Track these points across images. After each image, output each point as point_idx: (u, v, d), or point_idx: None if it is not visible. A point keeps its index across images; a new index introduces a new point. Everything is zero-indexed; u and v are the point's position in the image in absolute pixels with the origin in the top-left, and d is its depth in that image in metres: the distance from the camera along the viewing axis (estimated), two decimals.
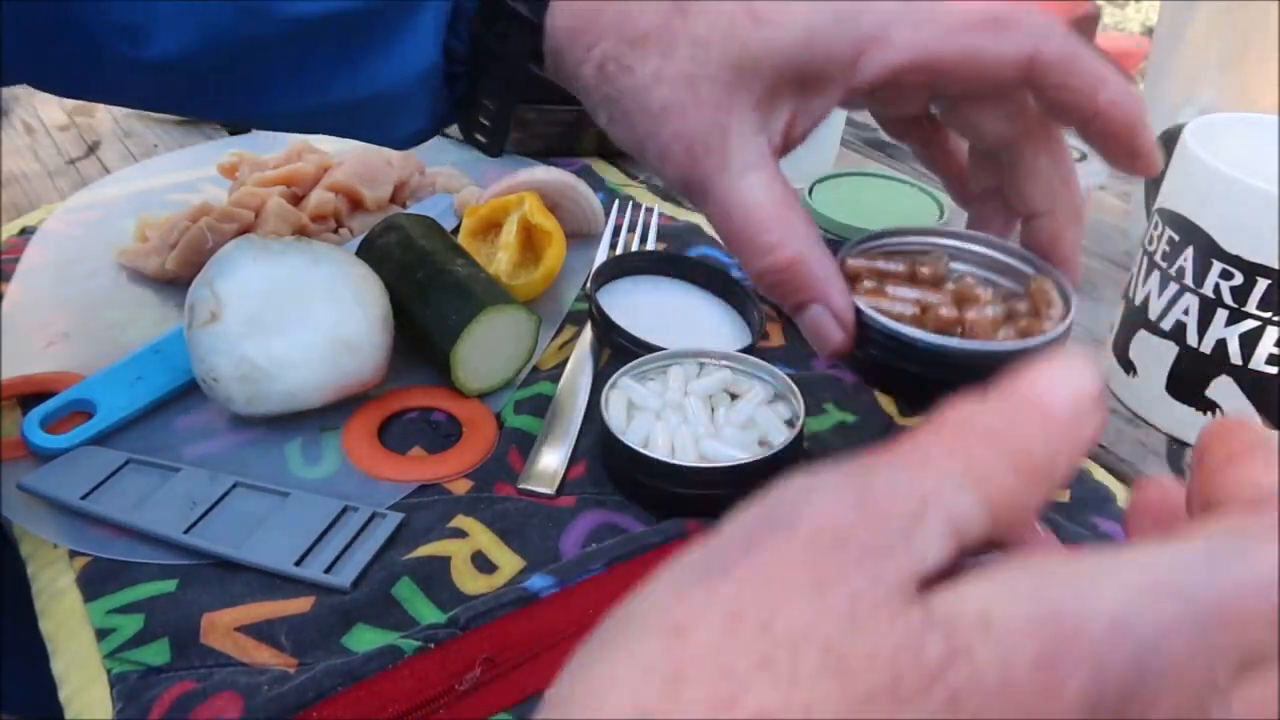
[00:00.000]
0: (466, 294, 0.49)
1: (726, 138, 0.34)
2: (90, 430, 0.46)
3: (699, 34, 0.35)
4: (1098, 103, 0.33)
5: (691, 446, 0.43)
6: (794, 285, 0.35)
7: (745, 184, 0.34)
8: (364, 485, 0.45)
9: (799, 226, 0.35)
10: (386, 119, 0.41)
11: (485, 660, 0.35)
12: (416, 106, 0.41)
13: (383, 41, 0.39)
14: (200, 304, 0.45)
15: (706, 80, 0.34)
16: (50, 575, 0.41)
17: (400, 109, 0.41)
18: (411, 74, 0.39)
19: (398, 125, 0.41)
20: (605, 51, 0.36)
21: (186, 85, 0.41)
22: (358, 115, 0.41)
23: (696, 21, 0.35)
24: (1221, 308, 0.49)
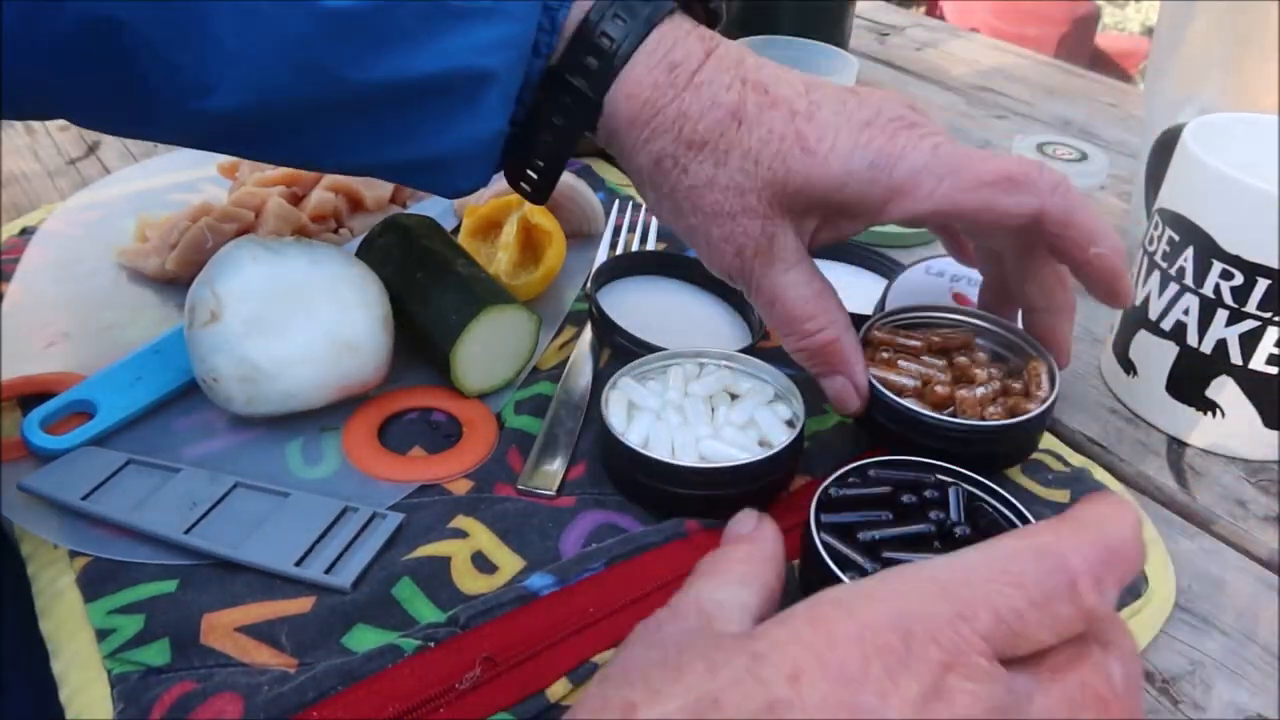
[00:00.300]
0: (466, 294, 0.49)
1: (773, 243, 0.39)
2: (90, 431, 0.46)
3: (751, 149, 0.38)
4: (1088, 254, 0.40)
5: (692, 447, 0.43)
6: (827, 361, 0.42)
7: (789, 280, 0.40)
8: (364, 485, 0.45)
9: (835, 313, 0.41)
10: (444, 176, 0.42)
11: (485, 659, 0.35)
12: (475, 168, 0.42)
13: (448, 112, 0.39)
14: (200, 304, 0.45)
15: (755, 192, 0.38)
16: (50, 575, 0.41)
17: (459, 169, 0.41)
18: (474, 141, 0.40)
19: (455, 182, 0.42)
20: (663, 149, 0.39)
21: (248, 135, 0.41)
22: (417, 172, 0.42)
23: (750, 135, 0.38)
24: (1221, 308, 0.49)
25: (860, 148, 0.38)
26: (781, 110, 0.38)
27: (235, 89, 0.37)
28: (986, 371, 0.46)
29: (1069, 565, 0.23)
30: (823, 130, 0.38)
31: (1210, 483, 0.51)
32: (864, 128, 0.38)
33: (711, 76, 0.39)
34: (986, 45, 1.19)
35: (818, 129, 0.38)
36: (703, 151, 0.39)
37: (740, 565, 0.28)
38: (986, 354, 0.48)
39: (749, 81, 0.39)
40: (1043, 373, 0.46)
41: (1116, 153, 0.88)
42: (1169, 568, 0.44)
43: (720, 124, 0.38)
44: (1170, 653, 0.41)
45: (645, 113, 0.39)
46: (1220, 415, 0.51)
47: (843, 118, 0.38)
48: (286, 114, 0.39)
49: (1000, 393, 0.45)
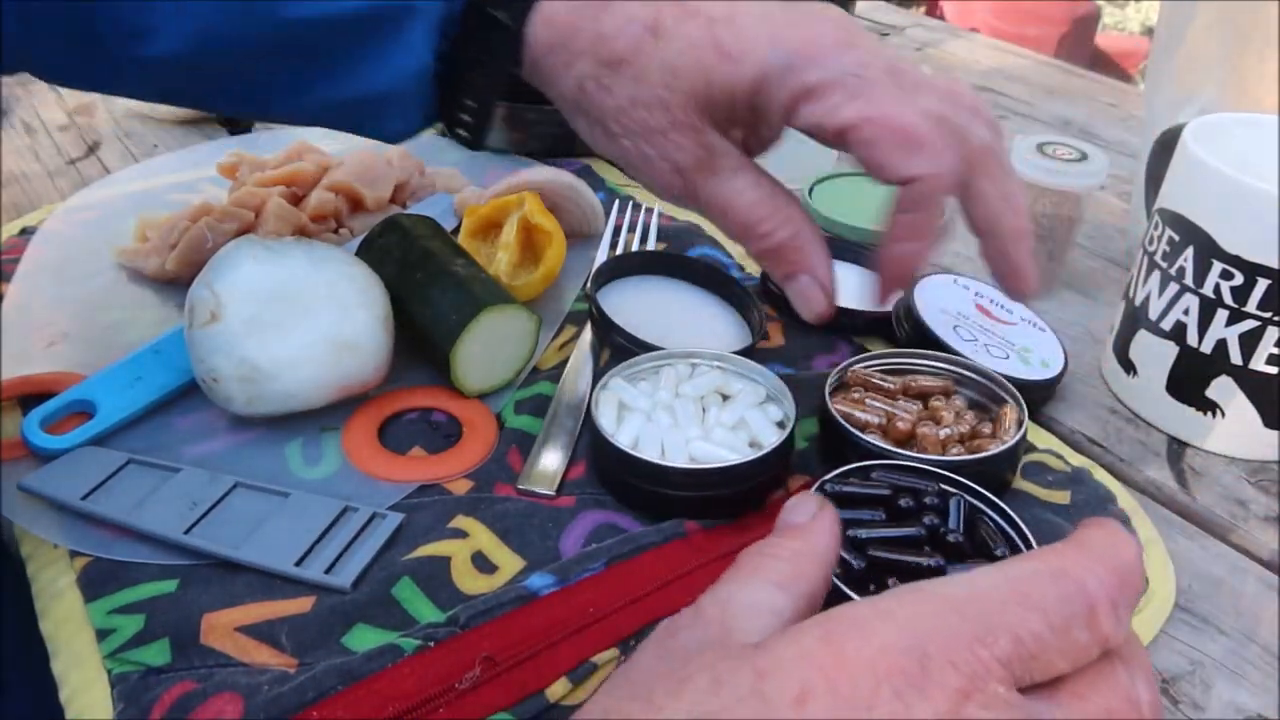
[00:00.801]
0: (466, 294, 0.49)
1: (710, 152, 0.38)
2: (90, 430, 0.46)
3: (669, 60, 0.37)
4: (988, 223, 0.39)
5: (682, 448, 0.43)
6: (788, 259, 0.39)
7: (735, 187, 0.38)
8: (364, 485, 0.45)
9: (789, 209, 0.39)
10: (379, 116, 0.43)
11: (485, 659, 0.35)
12: (408, 106, 0.42)
13: (378, 45, 0.40)
14: (200, 304, 0.45)
15: (679, 105, 0.37)
16: (50, 575, 0.41)
17: (393, 108, 0.42)
18: (404, 76, 0.40)
19: (390, 122, 0.43)
20: (583, 71, 0.39)
21: (188, 81, 0.42)
22: (353, 113, 0.43)
23: (667, 48, 0.37)
24: (1221, 308, 0.49)
25: (776, 44, 0.36)
26: (699, 19, 0.37)
27: (174, 32, 0.39)
28: (955, 414, 0.48)
29: (1088, 590, 0.23)
30: (740, 33, 0.37)
31: (1210, 483, 0.51)
32: (787, 27, 0.37)
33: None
34: (986, 45, 1.19)
35: (735, 33, 0.37)
36: (621, 70, 0.38)
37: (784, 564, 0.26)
38: (964, 401, 0.50)
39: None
40: (1011, 418, 0.47)
41: (1116, 153, 0.88)
42: (1169, 568, 0.44)
43: (637, 40, 0.37)
44: (1170, 653, 0.41)
45: (563, 36, 0.39)
46: (1220, 415, 0.51)
47: (765, 18, 0.37)
48: (224, 58, 0.40)
49: (969, 435, 0.47)
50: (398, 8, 0.39)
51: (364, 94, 0.41)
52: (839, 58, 0.36)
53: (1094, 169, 0.61)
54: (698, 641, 0.24)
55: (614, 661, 0.37)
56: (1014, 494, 0.47)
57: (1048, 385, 0.53)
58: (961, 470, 0.43)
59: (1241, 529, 0.48)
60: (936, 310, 0.55)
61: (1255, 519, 0.49)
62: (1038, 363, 0.54)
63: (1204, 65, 0.60)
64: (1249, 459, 0.52)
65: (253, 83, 0.42)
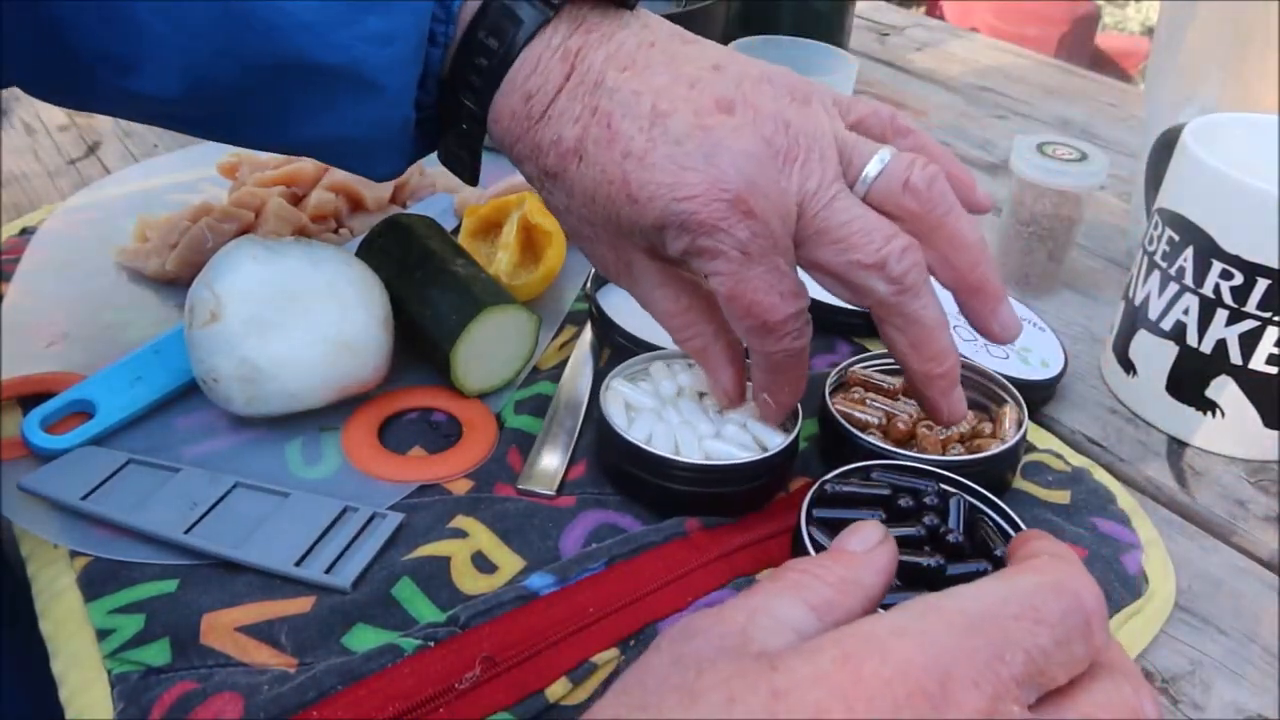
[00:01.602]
0: (466, 294, 0.49)
1: (630, 268, 0.41)
2: (90, 430, 0.46)
3: (587, 187, 0.38)
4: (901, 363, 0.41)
5: (695, 445, 0.43)
6: (702, 365, 0.43)
7: (656, 298, 0.42)
8: (364, 485, 0.45)
9: (702, 325, 0.42)
10: (363, 158, 0.44)
11: (485, 659, 0.35)
12: (391, 151, 0.43)
13: (359, 94, 0.40)
14: (200, 304, 0.45)
15: (600, 226, 0.40)
16: (50, 575, 0.41)
17: (376, 151, 0.43)
18: (385, 125, 0.41)
19: (374, 164, 0.44)
20: (530, 173, 0.41)
21: (176, 114, 0.43)
22: (337, 152, 0.44)
23: (586, 174, 0.38)
24: (1221, 308, 0.49)
25: (676, 200, 0.36)
26: (617, 149, 0.37)
27: (158, 69, 0.39)
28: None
29: (1084, 603, 0.23)
30: (647, 176, 0.36)
31: (1210, 483, 0.51)
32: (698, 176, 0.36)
33: (563, 107, 0.38)
34: (986, 45, 1.19)
35: (643, 175, 0.37)
36: (557, 181, 0.39)
37: (826, 589, 0.25)
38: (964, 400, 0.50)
39: (599, 110, 0.37)
40: (1010, 419, 0.48)
41: (1116, 153, 0.88)
42: (1169, 568, 0.44)
43: (564, 159, 0.38)
44: (1170, 653, 0.41)
45: (510, 139, 0.40)
46: (1220, 415, 0.51)
47: (678, 161, 0.36)
48: (210, 94, 0.40)
49: (969, 435, 0.47)
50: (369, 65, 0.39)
51: (347, 136, 0.42)
52: (733, 230, 0.36)
53: (1094, 169, 0.61)
54: (714, 649, 0.23)
55: (614, 661, 0.37)
56: (1014, 494, 0.47)
57: (1048, 385, 0.53)
58: (961, 470, 0.43)
59: (1241, 529, 0.48)
60: None
61: (1255, 519, 0.49)
62: (1038, 363, 0.54)
63: (1204, 65, 0.60)
64: (1249, 459, 0.52)
65: (238, 119, 0.42)
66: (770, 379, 0.41)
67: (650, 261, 0.41)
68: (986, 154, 0.88)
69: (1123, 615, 0.41)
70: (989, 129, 0.93)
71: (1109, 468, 0.51)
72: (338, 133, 0.41)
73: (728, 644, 0.23)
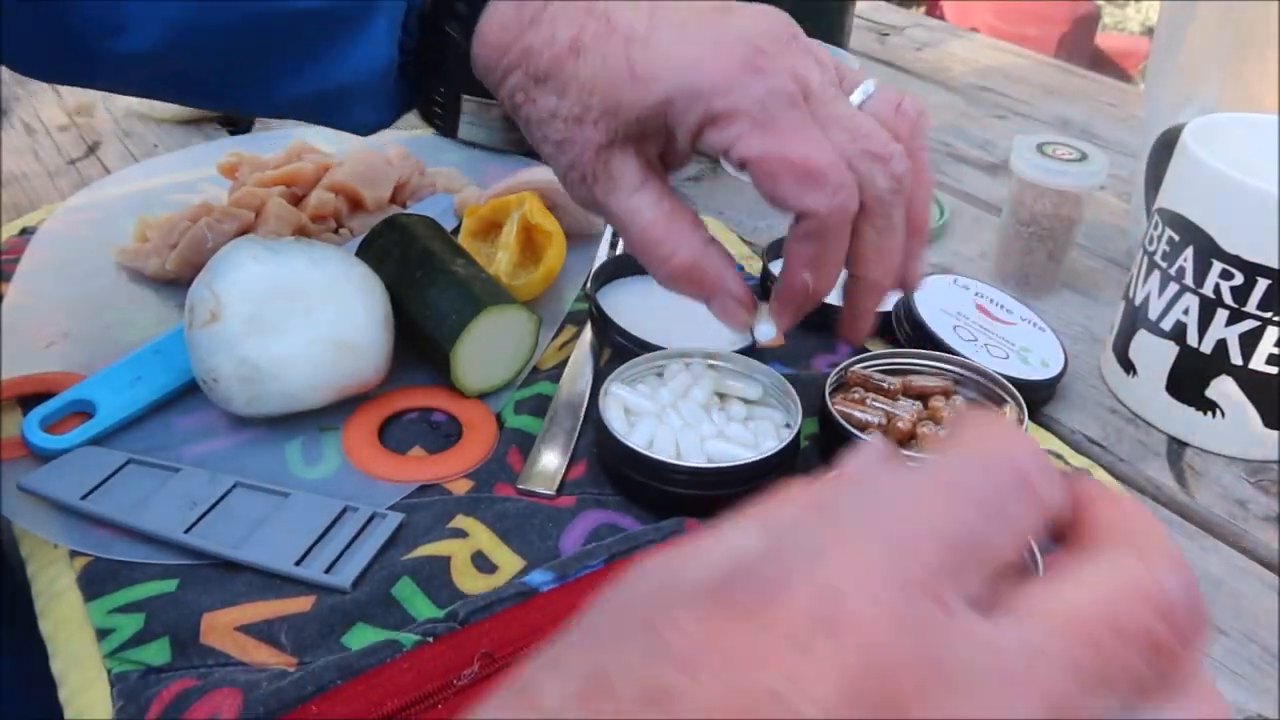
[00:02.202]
0: (466, 294, 0.49)
1: (609, 169, 0.39)
2: (90, 430, 0.46)
3: (585, 80, 0.38)
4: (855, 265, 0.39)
5: (697, 447, 0.43)
6: (696, 284, 0.39)
7: (634, 205, 0.39)
8: (364, 485, 0.45)
9: (688, 234, 0.39)
10: (349, 109, 0.44)
11: (484, 655, 0.35)
12: (376, 98, 0.43)
13: (343, 40, 0.41)
14: (200, 304, 0.45)
15: (591, 122, 0.38)
16: (50, 575, 0.41)
17: (361, 100, 0.43)
18: (369, 70, 0.42)
19: (360, 114, 0.44)
20: (516, 83, 0.40)
21: (163, 76, 0.43)
22: (323, 105, 0.44)
23: (584, 67, 0.38)
24: (1221, 308, 0.49)
25: (685, 70, 0.36)
26: (617, 37, 0.38)
27: (147, 26, 0.40)
28: (955, 414, 0.49)
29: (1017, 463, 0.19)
30: (652, 55, 0.37)
31: (1210, 483, 0.51)
32: (701, 47, 0.37)
33: (557, 10, 0.39)
34: (986, 45, 1.19)
35: (650, 55, 0.37)
36: (546, 84, 0.39)
37: None
38: (964, 401, 0.50)
39: (595, 12, 0.38)
40: (1010, 419, 0.48)
41: (1116, 153, 0.87)
42: None
43: (560, 58, 0.38)
44: None
45: (499, 50, 0.40)
46: (1220, 415, 0.51)
47: (683, 39, 0.37)
48: (196, 51, 0.41)
49: None
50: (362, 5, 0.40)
51: (332, 87, 0.42)
52: (748, 87, 0.36)
53: (1094, 169, 0.61)
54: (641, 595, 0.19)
55: None
56: None
57: (1048, 385, 0.53)
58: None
59: (1241, 529, 0.48)
60: (936, 310, 0.55)
61: (1255, 519, 0.48)
62: (1038, 363, 0.54)
63: (1204, 65, 0.60)
64: (1249, 459, 0.52)
65: (225, 76, 0.43)
66: (817, 250, 0.38)
67: (633, 160, 0.39)
68: (986, 154, 0.88)
69: None
70: (989, 129, 0.93)
71: (1109, 468, 0.51)
72: (322, 85, 0.42)
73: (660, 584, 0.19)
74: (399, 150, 0.70)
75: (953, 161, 0.86)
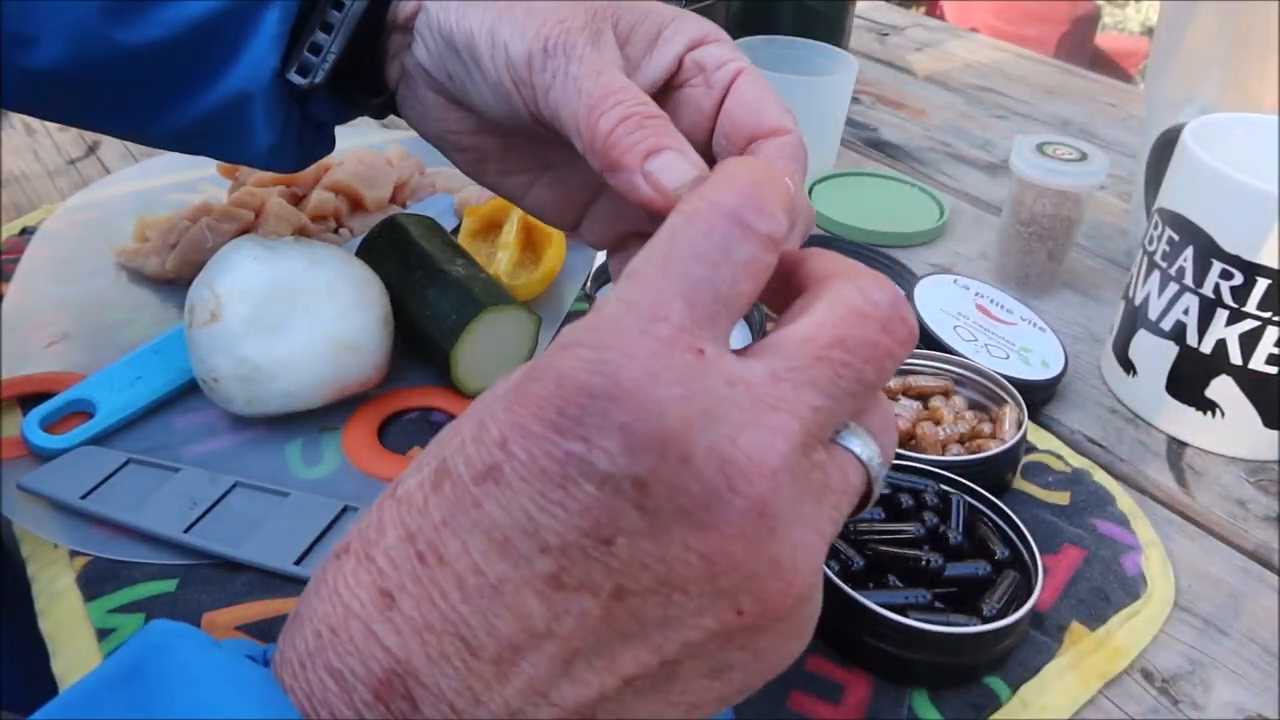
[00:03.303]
0: (466, 294, 0.49)
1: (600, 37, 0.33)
2: (90, 430, 0.46)
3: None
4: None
5: None
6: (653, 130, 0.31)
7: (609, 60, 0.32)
8: (364, 485, 0.45)
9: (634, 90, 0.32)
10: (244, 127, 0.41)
11: None
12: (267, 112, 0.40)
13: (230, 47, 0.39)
14: (200, 304, 0.45)
15: None
16: (50, 575, 0.41)
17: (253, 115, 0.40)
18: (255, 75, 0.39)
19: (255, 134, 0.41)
20: None
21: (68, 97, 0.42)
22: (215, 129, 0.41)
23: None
24: (1221, 308, 0.49)
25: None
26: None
27: (53, 40, 0.39)
28: (955, 414, 0.49)
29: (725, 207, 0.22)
30: None
31: (1210, 483, 0.51)
32: None
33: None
34: (986, 45, 1.19)
35: None
36: None
37: None
38: (964, 401, 0.50)
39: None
40: (1009, 419, 0.48)
41: (1116, 153, 0.88)
42: (1168, 569, 0.44)
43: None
44: (1170, 653, 0.41)
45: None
46: (1220, 415, 0.51)
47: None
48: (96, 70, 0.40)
49: (969, 435, 0.48)
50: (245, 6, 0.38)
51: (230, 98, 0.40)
52: None
53: (1094, 169, 0.61)
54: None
55: None
56: (1014, 494, 0.47)
57: (1048, 385, 0.53)
58: (961, 470, 0.43)
59: (1241, 529, 0.48)
60: (936, 310, 0.55)
61: (1255, 519, 0.48)
62: (1038, 363, 0.54)
63: (1204, 65, 0.60)
64: (1249, 459, 0.52)
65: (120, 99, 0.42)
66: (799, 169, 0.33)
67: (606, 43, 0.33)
68: (986, 154, 0.88)
69: (1121, 616, 0.41)
70: (989, 129, 0.93)
71: (1109, 468, 0.51)
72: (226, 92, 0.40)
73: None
74: (399, 150, 0.70)
75: (953, 161, 0.86)
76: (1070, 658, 0.39)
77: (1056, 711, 0.37)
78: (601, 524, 0.20)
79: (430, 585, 0.20)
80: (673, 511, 0.20)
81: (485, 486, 0.20)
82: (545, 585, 0.20)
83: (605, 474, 0.19)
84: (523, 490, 0.20)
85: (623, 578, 0.20)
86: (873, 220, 0.71)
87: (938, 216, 0.73)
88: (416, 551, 0.21)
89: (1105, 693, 0.39)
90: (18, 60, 0.40)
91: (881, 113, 0.95)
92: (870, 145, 0.88)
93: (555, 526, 0.20)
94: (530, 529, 0.20)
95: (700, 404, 0.20)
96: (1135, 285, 0.54)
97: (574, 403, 0.20)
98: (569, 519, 0.20)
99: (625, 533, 0.20)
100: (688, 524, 0.20)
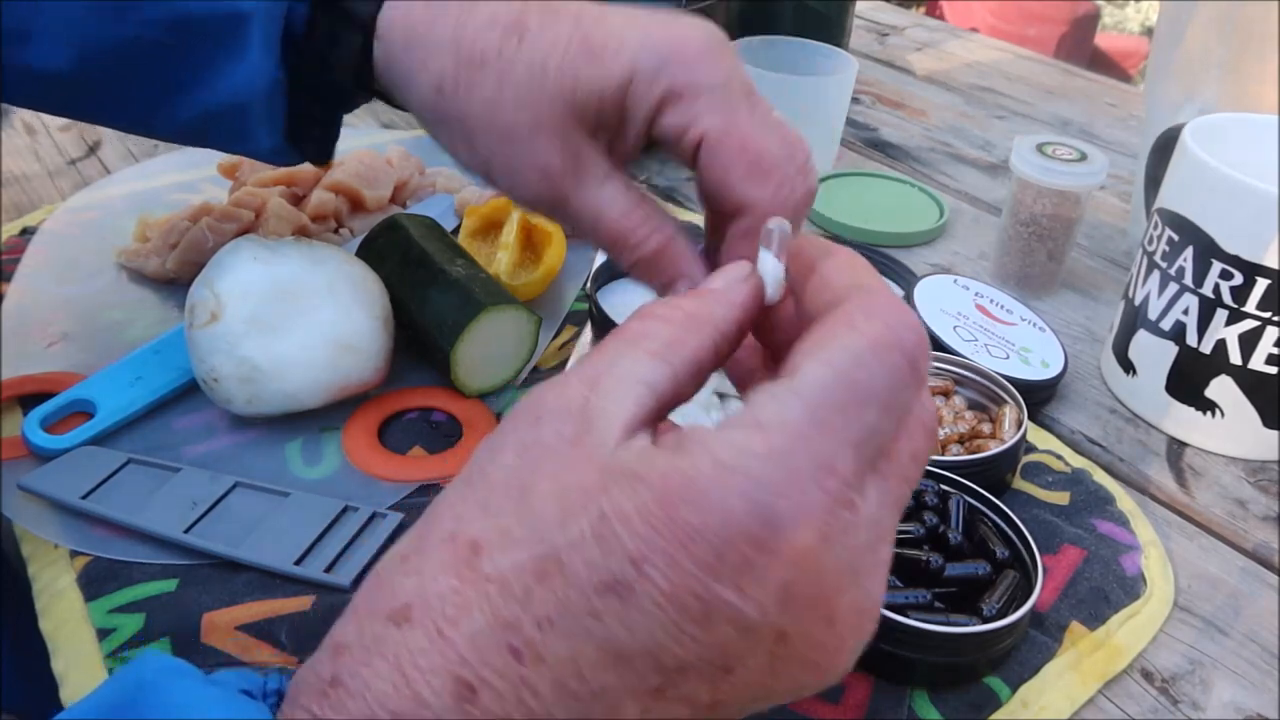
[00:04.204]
0: (466, 294, 0.49)
1: (578, 158, 0.36)
2: (90, 430, 0.46)
3: (535, 60, 0.35)
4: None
5: None
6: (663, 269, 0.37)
7: (605, 195, 0.36)
8: (364, 485, 0.45)
9: (660, 218, 0.37)
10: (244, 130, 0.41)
11: None
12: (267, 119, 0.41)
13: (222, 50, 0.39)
14: (200, 304, 0.45)
15: (547, 107, 0.35)
16: (51, 575, 0.41)
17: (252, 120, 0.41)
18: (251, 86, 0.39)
19: (256, 137, 0.41)
20: (442, 70, 0.36)
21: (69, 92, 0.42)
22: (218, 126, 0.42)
23: (534, 47, 0.35)
24: (1221, 308, 0.49)
25: (647, 45, 0.34)
26: (566, 18, 0.35)
27: (52, 37, 0.39)
28: (955, 414, 0.49)
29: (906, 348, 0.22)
30: (610, 31, 0.35)
31: (1210, 483, 0.51)
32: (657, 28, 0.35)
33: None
34: (986, 45, 1.19)
35: (606, 30, 0.35)
36: (485, 68, 0.36)
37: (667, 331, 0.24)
38: (964, 401, 0.50)
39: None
40: (1009, 418, 0.48)
41: (1116, 153, 0.88)
42: (1168, 569, 0.44)
43: (500, 39, 0.36)
44: (1170, 653, 0.41)
45: (417, 34, 0.37)
46: (1220, 415, 0.51)
47: (633, 21, 0.35)
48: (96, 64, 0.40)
49: (969, 435, 0.48)
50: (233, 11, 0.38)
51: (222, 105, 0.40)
52: (708, 66, 0.34)
53: (1094, 169, 0.61)
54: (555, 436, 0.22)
55: None
56: (1014, 494, 0.47)
57: (1048, 385, 0.53)
58: (961, 470, 0.43)
59: (1241, 529, 0.48)
60: (936, 310, 0.55)
61: (1255, 519, 0.49)
62: (1038, 363, 0.54)
63: (1204, 65, 0.60)
64: (1249, 459, 0.52)
65: (125, 92, 0.42)
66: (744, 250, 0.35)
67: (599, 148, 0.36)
68: (986, 154, 0.88)
69: (1121, 616, 0.41)
70: (989, 129, 0.93)
71: (1109, 468, 0.51)
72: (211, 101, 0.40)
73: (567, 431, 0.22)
74: (399, 150, 0.71)
75: (953, 161, 0.86)
76: (1070, 658, 0.39)
77: (1056, 711, 0.37)
78: (729, 657, 0.20)
79: (522, 685, 0.20)
80: (800, 659, 0.21)
81: (608, 600, 0.19)
82: (648, 697, 0.20)
83: (753, 623, 0.20)
84: (655, 616, 0.19)
85: (724, 695, 0.20)
86: (872, 220, 0.71)
87: (937, 216, 0.73)
88: (511, 646, 0.20)
89: (1105, 693, 0.39)
90: (16, 57, 0.40)
91: (881, 113, 0.95)
92: (870, 145, 0.88)
93: (679, 654, 0.19)
94: (653, 651, 0.19)
95: (850, 561, 0.21)
96: (1135, 285, 0.54)
97: (737, 551, 0.19)
98: (698, 650, 0.19)
99: (747, 666, 0.20)
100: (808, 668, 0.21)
